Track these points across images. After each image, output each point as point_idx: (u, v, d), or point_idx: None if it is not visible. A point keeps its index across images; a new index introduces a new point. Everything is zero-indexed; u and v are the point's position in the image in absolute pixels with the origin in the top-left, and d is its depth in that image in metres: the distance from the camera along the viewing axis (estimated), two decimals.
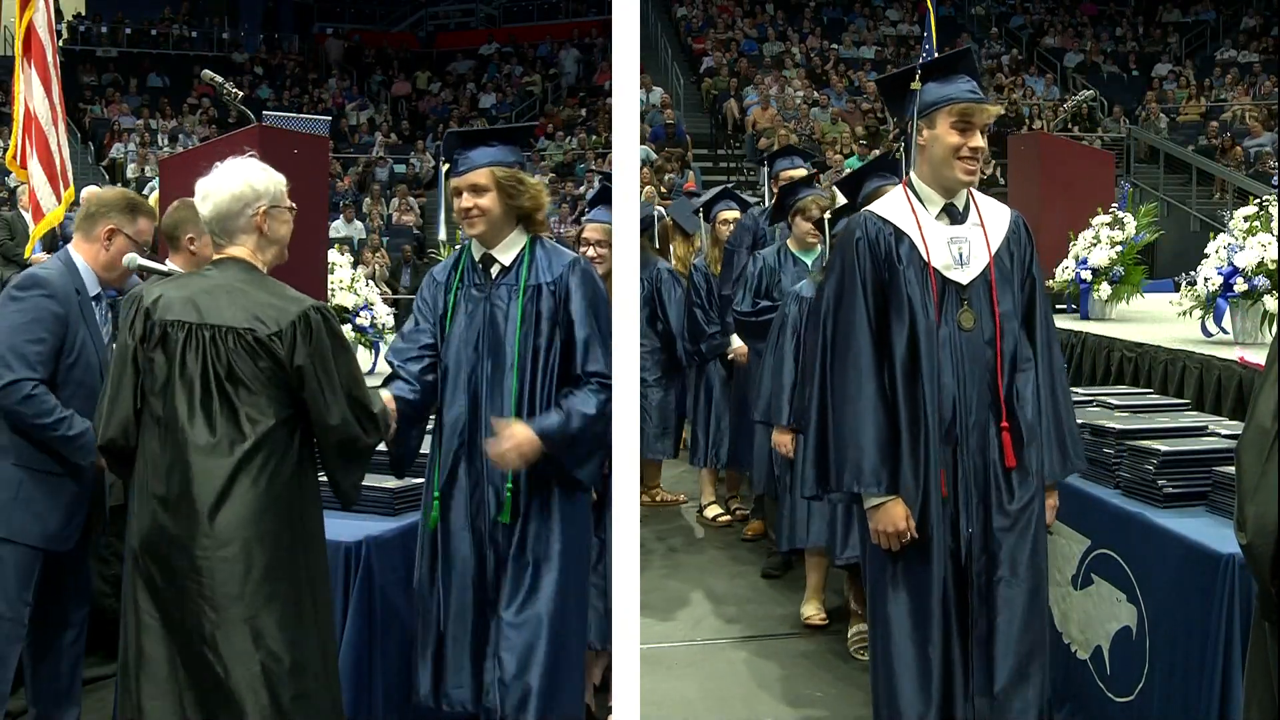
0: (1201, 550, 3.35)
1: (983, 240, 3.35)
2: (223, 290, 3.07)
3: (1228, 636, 3.21)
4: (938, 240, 3.33)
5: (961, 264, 3.32)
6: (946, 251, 3.32)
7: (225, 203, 3.13)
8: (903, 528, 3.23)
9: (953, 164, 3.31)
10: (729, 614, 5.66)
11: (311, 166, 5.74)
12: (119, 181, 20.70)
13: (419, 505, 4.08)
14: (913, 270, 3.30)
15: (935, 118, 3.33)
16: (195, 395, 3.00)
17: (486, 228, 3.63)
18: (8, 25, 17.91)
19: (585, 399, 3.54)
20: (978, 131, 3.32)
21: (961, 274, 3.32)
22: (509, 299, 3.62)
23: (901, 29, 25.71)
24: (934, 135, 3.33)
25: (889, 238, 3.33)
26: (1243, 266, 5.57)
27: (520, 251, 3.66)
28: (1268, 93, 20.89)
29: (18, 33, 6.12)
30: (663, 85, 22.76)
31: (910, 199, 3.38)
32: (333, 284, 6.11)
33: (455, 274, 3.71)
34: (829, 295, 3.40)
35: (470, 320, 3.65)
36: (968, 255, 3.33)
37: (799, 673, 4.91)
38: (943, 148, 3.31)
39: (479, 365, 3.62)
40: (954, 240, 3.33)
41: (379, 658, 3.75)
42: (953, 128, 3.30)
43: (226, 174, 3.16)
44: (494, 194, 3.59)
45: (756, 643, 5.27)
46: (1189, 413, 4.51)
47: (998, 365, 3.29)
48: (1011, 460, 3.27)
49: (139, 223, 3.91)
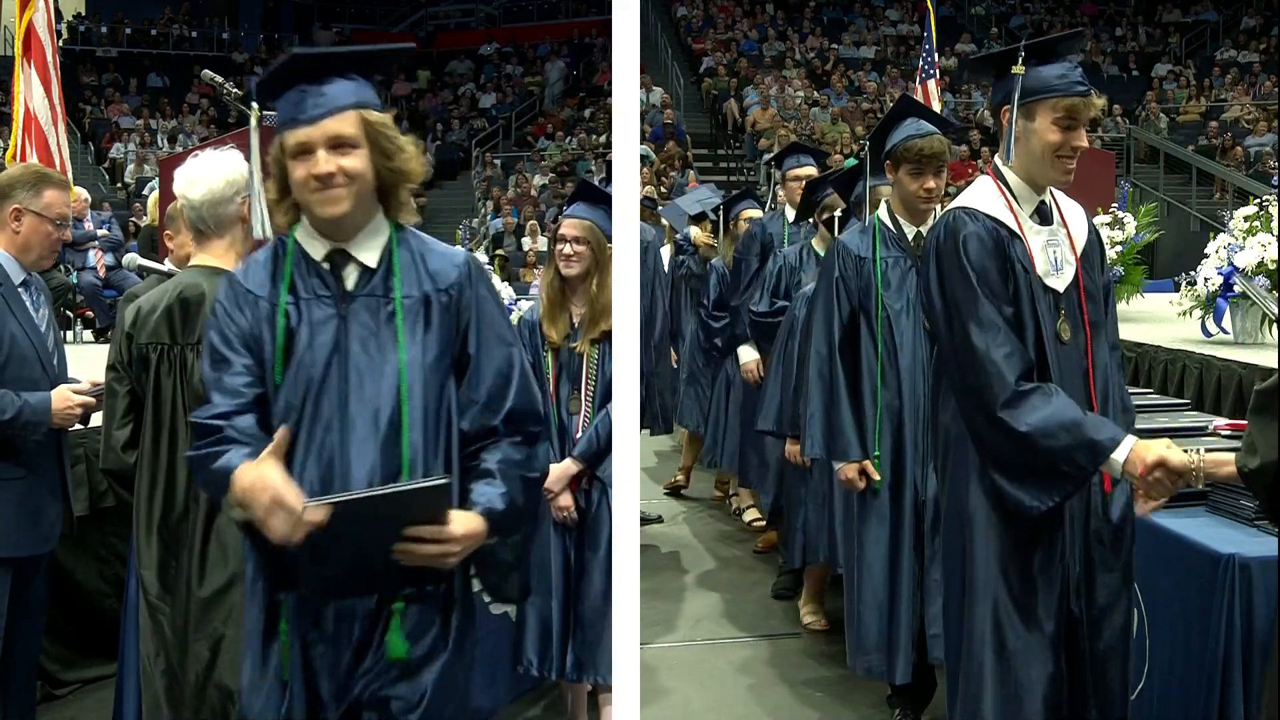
0: (1201, 550, 3.35)
1: (1068, 243, 3.06)
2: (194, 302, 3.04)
3: (1228, 636, 3.20)
4: (1036, 244, 3.01)
5: (1057, 270, 3.01)
6: (1045, 256, 3.01)
7: (220, 188, 3.07)
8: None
9: (1052, 162, 2.97)
10: (729, 614, 5.66)
11: None
12: (119, 182, 20.74)
13: None
14: (1027, 276, 2.96)
15: (1036, 109, 2.96)
16: (179, 414, 3.01)
17: (353, 206, 2.38)
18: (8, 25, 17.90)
19: (522, 459, 2.48)
20: (1082, 128, 2.99)
21: (1058, 281, 3.01)
22: (379, 319, 2.42)
23: (901, 29, 25.73)
24: (1032, 129, 2.98)
25: (1004, 238, 2.97)
26: (1243, 266, 5.56)
27: (386, 246, 2.46)
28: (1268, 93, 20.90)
29: (18, 33, 6.12)
30: (663, 85, 22.78)
31: (1006, 195, 3.02)
32: None
33: (281, 283, 2.44)
34: (940, 310, 2.96)
35: (315, 354, 2.39)
36: (1059, 260, 3.02)
37: (799, 673, 4.90)
38: (1042, 144, 2.97)
39: (335, 424, 2.37)
40: (1049, 244, 3.02)
41: None
42: (1055, 124, 2.95)
43: (217, 160, 3.08)
44: (366, 152, 2.38)
45: (756, 643, 5.27)
46: (1189, 413, 4.51)
47: (1090, 379, 3.00)
48: (1109, 485, 2.98)
49: (45, 196, 3.57)
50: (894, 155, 4.09)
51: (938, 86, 10.60)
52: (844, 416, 4.16)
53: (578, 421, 4.05)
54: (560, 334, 4.06)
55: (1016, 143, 3.00)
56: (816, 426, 4.25)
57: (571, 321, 4.08)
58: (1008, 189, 3.02)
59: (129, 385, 3.09)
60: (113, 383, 3.13)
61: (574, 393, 4.06)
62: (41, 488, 3.57)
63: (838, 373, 4.19)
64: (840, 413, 4.17)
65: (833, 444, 4.20)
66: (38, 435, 3.50)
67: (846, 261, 4.23)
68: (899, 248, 4.18)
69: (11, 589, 3.55)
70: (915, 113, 4.19)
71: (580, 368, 4.05)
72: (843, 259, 4.24)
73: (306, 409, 2.38)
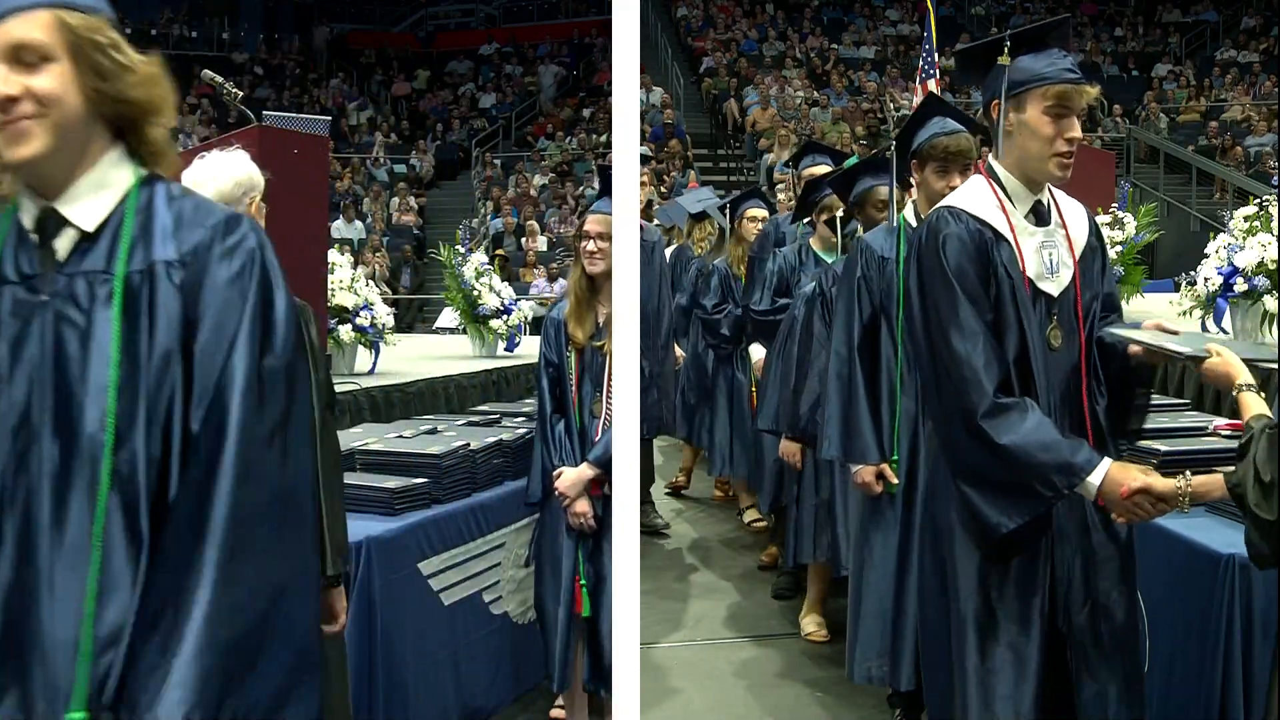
0: (1201, 550, 3.35)
1: (1066, 244, 2.92)
2: None
3: (1228, 636, 3.20)
4: (1029, 246, 2.87)
5: (1052, 273, 2.88)
6: (1038, 259, 2.88)
7: (229, 189, 3.08)
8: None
9: (1046, 158, 2.83)
10: (729, 615, 5.66)
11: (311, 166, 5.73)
12: None
13: (419, 504, 4.08)
14: (1011, 281, 2.83)
15: (1025, 100, 2.82)
16: None
17: (50, 145, 1.72)
18: None
19: None
20: (1075, 118, 2.83)
21: (1052, 285, 2.87)
22: (92, 304, 1.74)
23: (901, 29, 25.71)
24: (1023, 121, 2.83)
25: (988, 240, 2.85)
26: (1243, 266, 5.56)
27: (121, 202, 1.79)
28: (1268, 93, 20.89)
29: None
30: (663, 85, 22.77)
31: (998, 194, 2.89)
32: (333, 284, 6.10)
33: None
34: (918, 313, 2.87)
35: (15, 355, 1.75)
36: (1055, 263, 2.89)
37: (800, 673, 4.91)
38: (1034, 137, 2.82)
39: (32, 452, 1.71)
40: (1044, 245, 2.89)
41: (381, 658, 3.74)
42: (1046, 113, 2.80)
43: (225, 161, 3.07)
44: (66, 68, 1.72)
45: (757, 643, 5.27)
46: (1189, 413, 4.51)
47: (1083, 386, 2.90)
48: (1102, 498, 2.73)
49: None
50: (920, 154, 3.98)
51: (938, 86, 10.57)
52: (862, 418, 4.10)
53: (598, 424, 4.00)
54: (586, 333, 4.03)
55: (1008, 138, 2.87)
56: (834, 428, 4.15)
57: (597, 320, 4.05)
58: (1000, 188, 2.89)
59: None
60: None
61: (597, 394, 4.02)
62: None
63: (857, 374, 4.11)
64: (858, 414, 4.11)
65: (850, 446, 4.13)
66: None
67: (870, 261, 4.14)
68: None
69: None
70: (942, 111, 4.09)
71: (604, 368, 4.01)
72: (866, 259, 4.16)
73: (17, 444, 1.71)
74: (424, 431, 4.72)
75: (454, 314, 8.56)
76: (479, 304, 7.63)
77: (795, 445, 5.02)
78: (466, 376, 6.64)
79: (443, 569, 4.10)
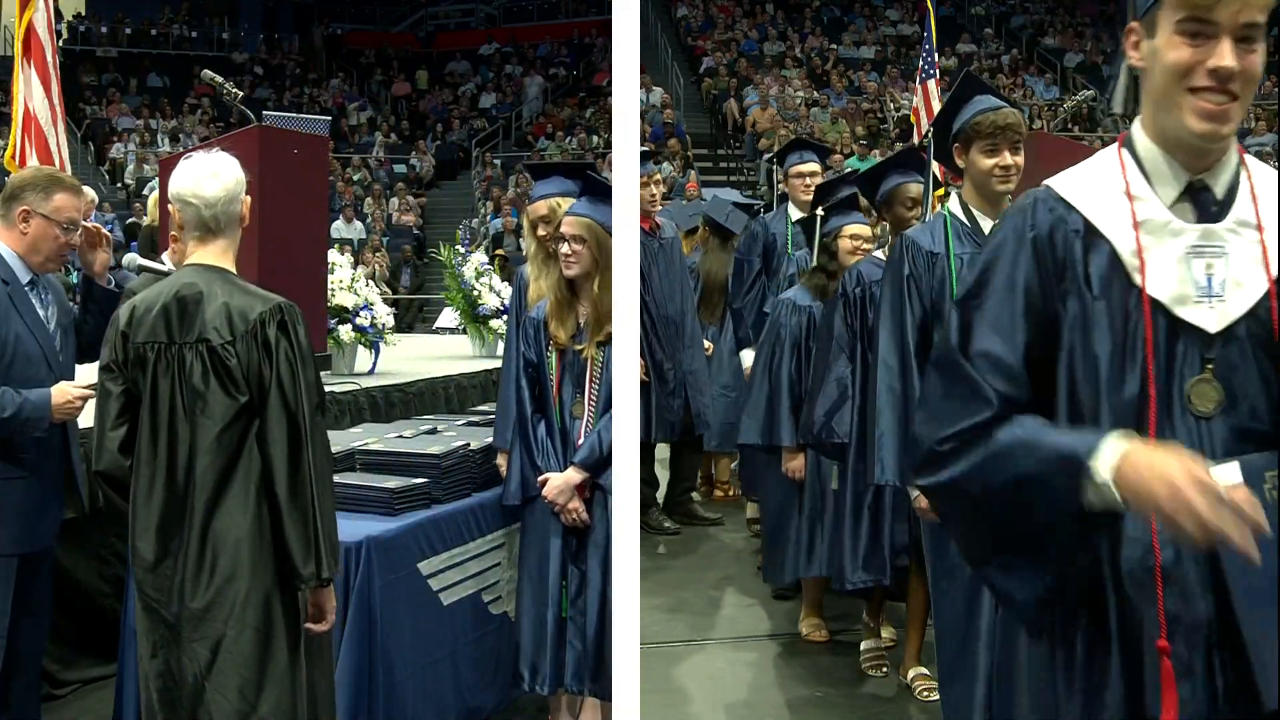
0: None
1: (1255, 251, 1.87)
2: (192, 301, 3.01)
3: None
4: (1167, 249, 1.87)
5: (1210, 295, 1.85)
6: (1183, 271, 1.86)
7: (233, 186, 3.09)
8: None
9: (1178, 100, 1.83)
10: (730, 615, 5.66)
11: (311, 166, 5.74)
12: (119, 182, 20.75)
13: (419, 504, 4.08)
14: (1108, 300, 1.87)
15: (1157, 18, 1.85)
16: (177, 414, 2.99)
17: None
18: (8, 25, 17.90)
19: None
20: (1228, 40, 1.80)
21: (1208, 315, 1.85)
22: None
23: (901, 29, 25.72)
24: (1154, 49, 1.87)
25: (1068, 238, 1.91)
26: None
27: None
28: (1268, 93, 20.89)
29: (17, 33, 6.12)
30: (663, 85, 22.78)
31: (1125, 171, 1.92)
32: (333, 284, 6.11)
33: None
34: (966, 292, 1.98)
35: None
36: (1221, 282, 1.86)
37: (799, 673, 4.90)
38: (1162, 70, 1.85)
39: None
40: (1199, 250, 1.87)
41: (380, 657, 3.74)
42: (1179, 31, 1.82)
43: (220, 160, 3.08)
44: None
45: (757, 643, 5.27)
46: None
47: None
48: None
49: (54, 199, 3.62)
50: (963, 135, 3.59)
51: (938, 86, 10.58)
52: None
53: (580, 427, 3.94)
54: (567, 334, 3.95)
55: (1147, 81, 1.89)
56: (889, 451, 3.58)
57: (578, 321, 3.96)
58: (1136, 161, 1.93)
59: (124, 385, 3.07)
60: (106, 383, 3.10)
61: (578, 396, 3.95)
62: (44, 484, 3.61)
63: (912, 386, 3.54)
64: None
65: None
66: (39, 431, 3.54)
67: (917, 258, 3.61)
68: (974, 242, 3.54)
69: (16, 587, 3.58)
70: (983, 90, 3.74)
71: (585, 370, 3.94)
72: (912, 256, 3.62)
73: None
74: (424, 431, 4.72)
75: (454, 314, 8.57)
76: (479, 304, 7.64)
77: (798, 456, 4.96)
78: (466, 376, 6.64)
79: (442, 569, 4.10)
